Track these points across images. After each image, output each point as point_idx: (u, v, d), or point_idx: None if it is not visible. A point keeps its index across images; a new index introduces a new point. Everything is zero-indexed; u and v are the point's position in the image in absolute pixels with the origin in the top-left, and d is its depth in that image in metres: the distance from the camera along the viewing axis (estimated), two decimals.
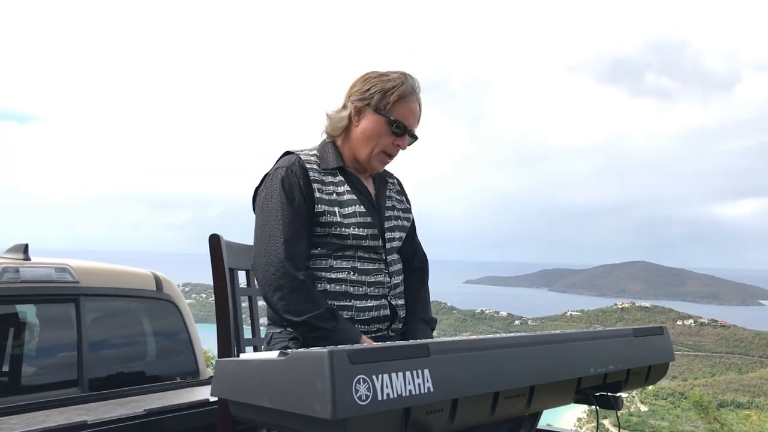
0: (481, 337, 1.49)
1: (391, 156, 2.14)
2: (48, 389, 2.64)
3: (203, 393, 2.71)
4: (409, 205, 2.35)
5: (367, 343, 1.87)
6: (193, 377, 3.22)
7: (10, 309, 2.69)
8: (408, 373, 1.23)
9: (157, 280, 3.16)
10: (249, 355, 1.38)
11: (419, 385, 1.24)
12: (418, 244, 2.36)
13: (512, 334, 1.64)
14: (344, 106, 2.14)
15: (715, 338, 74.00)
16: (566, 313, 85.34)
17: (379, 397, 1.17)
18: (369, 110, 2.10)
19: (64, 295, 2.75)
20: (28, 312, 2.81)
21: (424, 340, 1.34)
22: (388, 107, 2.08)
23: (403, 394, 1.20)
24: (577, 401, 1.80)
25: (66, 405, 2.39)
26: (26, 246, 2.75)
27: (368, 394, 1.15)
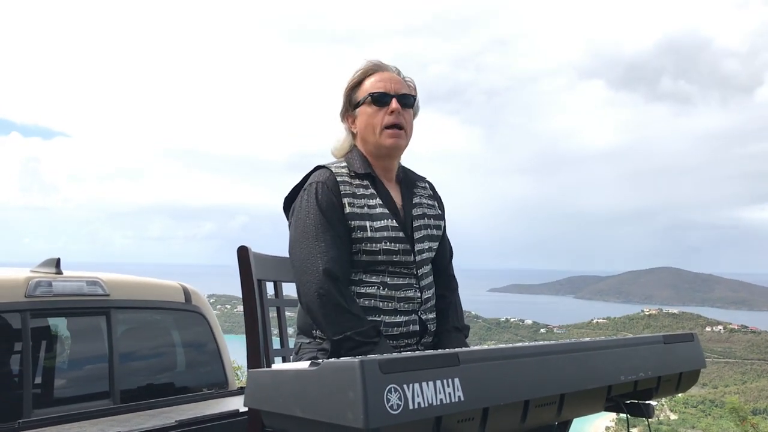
0: (511, 345, 1.50)
1: (395, 127, 2.11)
2: (80, 401, 2.68)
3: (233, 404, 2.73)
4: (442, 210, 2.31)
5: None
6: (221, 388, 3.24)
7: (43, 322, 2.74)
8: (438, 382, 1.24)
9: (186, 292, 3.19)
10: (281, 365, 1.40)
11: (450, 394, 1.25)
12: (447, 242, 2.31)
13: (542, 342, 1.64)
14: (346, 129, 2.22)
15: (746, 345, 72.69)
16: (592, 320, 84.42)
17: (411, 407, 1.18)
18: (354, 111, 2.16)
19: (95, 308, 2.80)
20: (61, 325, 2.86)
21: (453, 350, 1.35)
22: (361, 92, 2.12)
23: (434, 403, 1.21)
24: (608, 409, 1.80)
25: (99, 416, 2.43)
26: (58, 260, 2.80)
27: (399, 403, 1.16)
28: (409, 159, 2.32)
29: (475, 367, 1.32)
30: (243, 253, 2.29)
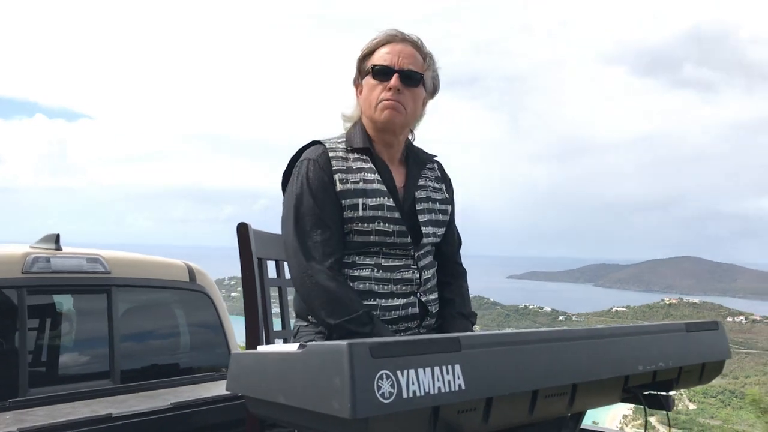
0: (519, 330, 1.38)
1: (393, 101, 1.97)
2: (79, 380, 2.60)
3: None
4: (450, 193, 2.18)
5: None
6: (226, 369, 3.16)
7: (40, 299, 2.66)
8: (437, 369, 1.12)
9: (191, 271, 3.10)
10: (266, 347, 1.30)
11: (449, 381, 1.13)
12: (455, 231, 2.19)
13: (552, 328, 1.52)
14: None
15: None
16: (612, 308, 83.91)
17: (405, 395, 1.06)
18: (360, 82, 2.06)
19: (95, 285, 2.71)
20: (59, 302, 2.79)
21: (454, 334, 1.24)
22: (367, 65, 2.02)
23: (432, 392, 1.10)
24: (624, 400, 1.68)
25: (94, 397, 2.36)
26: (57, 236, 2.72)
27: (392, 391, 1.05)
28: (428, 144, 2.20)
29: (478, 353, 1.20)
30: (242, 230, 2.18)
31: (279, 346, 1.26)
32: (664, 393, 1.72)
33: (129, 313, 2.88)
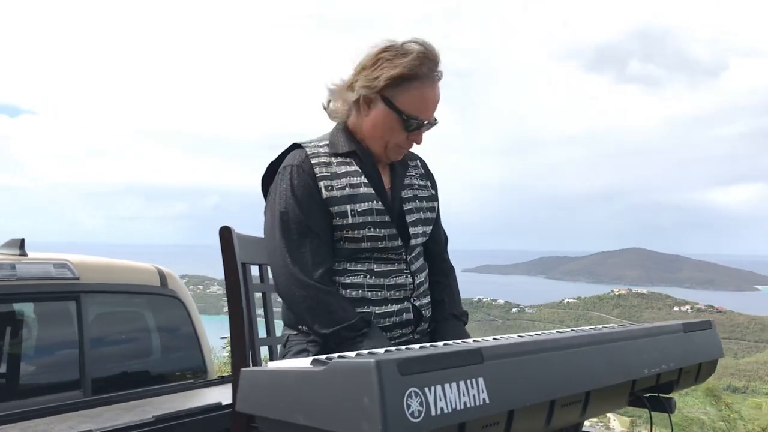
0: (533, 338, 1.35)
1: (407, 149, 1.94)
2: (48, 392, 2.49)
3: (213, 395, 2.56)
4: (435, 190, 2.11)
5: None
6: (200, 375, 3.07)
7: (6, 308, 2.53)
8: (462, 383, 1.07)
9: (161, 275, 3.00)
10: (279, 363, 1.23)
11: (474, 396, 1.08)
12: (441, 228, 2.14)
13: (563, 333, 1.49)
14: (350, 87, 1.88)
15: None
16: (563, 300, 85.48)
17: (433, 413, 1.01)
18: (378, 100, 1.84)
19: (64, 292, 2.59)
20: (26, 311, 2.65)
21: (476, 344, 1.19)
22: (398, 95, 1.82)
23: (458, 407, 1.05)
24: (630, 404, 1.66)
25: (69, 410, 2.24)
26: (22, 241, 2.59)
27: (421, 409, 1.00)
28: None
29: (499, 364, 1.15)
30: (226, 234, 2.10)
31: (291, 362, 1.19)
32: (666, 395, 1.71)
33: (99, 320, 2.76)
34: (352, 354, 1.24)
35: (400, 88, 1.81)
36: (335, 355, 1.24)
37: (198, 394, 2.64)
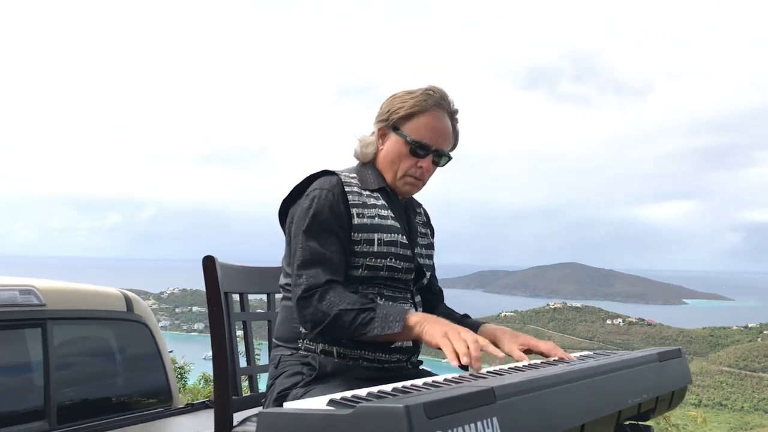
0: (535, 374, 1.40)
1: (418, 179, 1.99)
2: (13, 423, 2.41)
3: (182, 425, 2.52)
4: (433, 238, 2.21)
5: (414, 317, 1.70)
6: (166, 401, 3.02)
7: None
8: (479, 424, 1.11)
9: (128, 300, 2.95)
10: (297, 404, 1.24)
11: None
12: (436, 279, 2.23)
13: (558, 368, 1.55)
14: (373, 132, 2.04)
15: (643, 336, 76.57)
16: (501, 313, 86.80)
17: None
18: (390, 132, 1.99)
19: (29, 319, 2.52)
20: None
21: (487, 385, 1.23)
22: (407, 126, 1.95)
23: None
24: None
25: None
26: None
27: None
28: (319, 151, 2.10)
29: (509, 403, 1.20)
30: (209, 263, 2.11)
31: (313, 403, 1.20)
32: (644, 423, 1.79)
33: (65, 347, 2.68)
34: (365, 393, 1.26)
35: (410, 120, 1.95)
36: (349, 394, 1.26)
37: (166, 423, 2.60)
